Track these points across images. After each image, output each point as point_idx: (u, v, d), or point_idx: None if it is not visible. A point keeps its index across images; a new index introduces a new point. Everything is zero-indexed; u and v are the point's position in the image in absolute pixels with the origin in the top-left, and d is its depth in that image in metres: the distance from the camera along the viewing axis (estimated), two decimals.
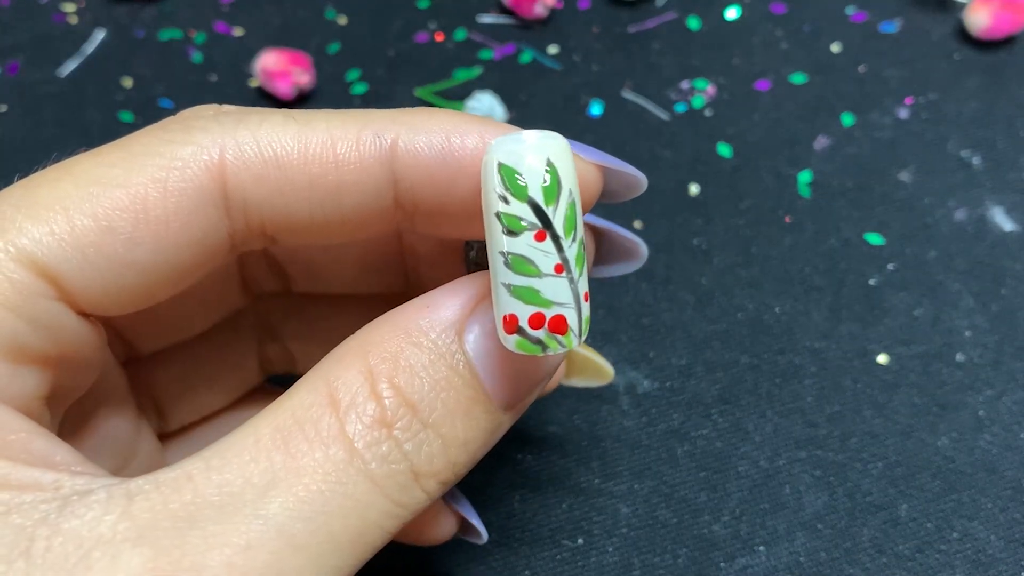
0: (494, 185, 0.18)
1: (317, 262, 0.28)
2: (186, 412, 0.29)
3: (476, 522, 0.27)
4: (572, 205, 0.18)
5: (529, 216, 0.18)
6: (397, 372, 0.19)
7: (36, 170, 0.20)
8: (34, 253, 0.19)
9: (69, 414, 0.23)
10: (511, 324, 0.18)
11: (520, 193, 0.18)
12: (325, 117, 0.21)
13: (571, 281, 0.18)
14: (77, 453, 0.19)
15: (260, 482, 0.18)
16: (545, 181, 0.18)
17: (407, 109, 0.21)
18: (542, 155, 0.18)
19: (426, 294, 0.20)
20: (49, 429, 0.20)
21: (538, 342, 0.18)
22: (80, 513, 0.17)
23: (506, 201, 0.18)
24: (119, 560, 0.16)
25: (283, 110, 0.21)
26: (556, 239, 0.18)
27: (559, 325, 0.18)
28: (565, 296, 0.18)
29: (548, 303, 0.18)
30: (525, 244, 0.18)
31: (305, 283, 0.29)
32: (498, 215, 0.18)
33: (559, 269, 0.18)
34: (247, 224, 0.21)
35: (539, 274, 0.18)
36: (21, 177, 0.20)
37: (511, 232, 0.18)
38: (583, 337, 0.19)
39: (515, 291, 0.18)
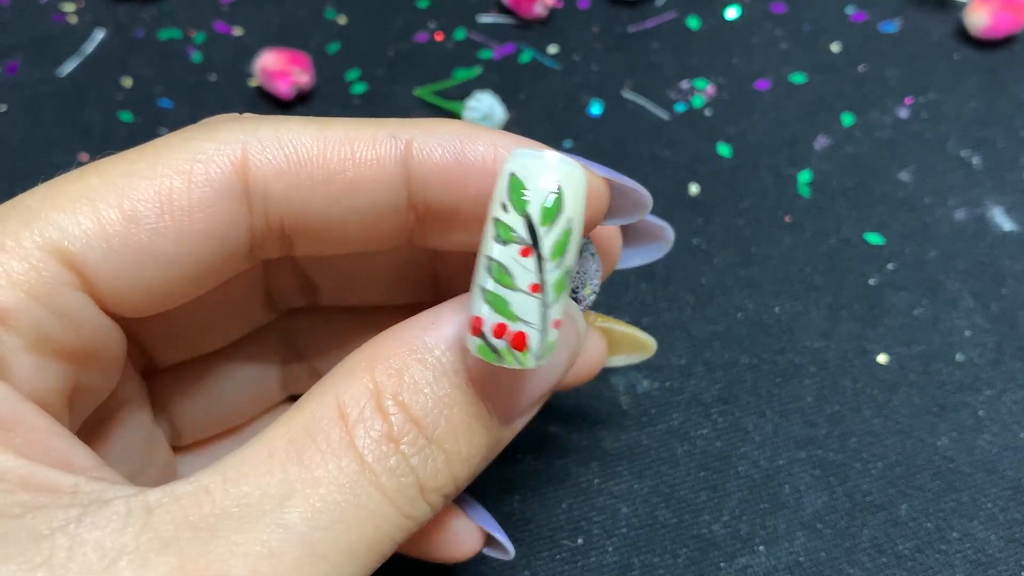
0: (500, 191, 0.18)
1: (347, 271, 0.28)
2: (201, 427, 0.29)
3: (501, 537, 0.27)
4: (568, 233, 0.18)
5: (521, 230, 0.18)
6: (402, 388, 0.19)
7: (59, 174, 0.21)
8: (60, 242, 0.19)
9: (87, 419, 0.23)
10: (476, 326, 0.19)
11: (519, 206, 0.18)
12: (343, 121, 0.21)
13: (543, 304, 0.19)
14: (95, 456, 0.19)
15: (277, 493, 0.18)
16: (547, 202, 0.18)
17: (422, 119, 0.22)
18: (553, 176, 0.18)
19: (431, 309, 0.21)
20: (67, 426, 0.20)
21: (495, 351, 0.19)
22: (101, 524, 0.17)
23: (505, 209, 0.18)
24: (146, 569, 0.16)
25: (302, 116, 0.22)
26: (540, 259, 0.18)
27: (519, 342, 0.19)
28: (533, 316, 0.18)
29: (515, 317, 0.18)
30: (510, 255, 0.18)
31: (334, 295, 0.29)
32: (495, 220, 0.18)
33: (535, 289, 0.18)
34: (267, 222, 0.21)
35: (514, 287, 0.18)
36: (45, 179, 0.21)
37: (501, 240, 0.18)
38: (541, 360, 0.19)
39: (488, 296, 0.18)
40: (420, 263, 0.28)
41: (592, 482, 0.34)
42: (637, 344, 0.29)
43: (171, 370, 0.28)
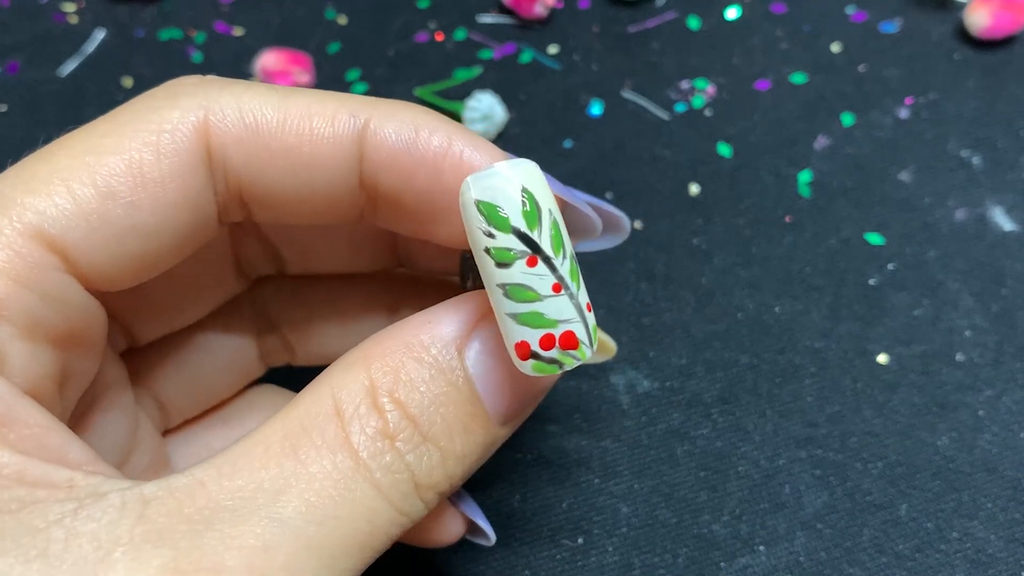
0: (477, 222, 0.18)
1: (308, 240, 0.28)
2: (186, 405, 0.29)
3: (483, 524, 0.27)
4: (555, 224, 0.19)
5: (517, 245, 0.18)
6: (398, 386, 0.20)
7: (27, 155, 0.21)
8: (40, 226, 0.19)
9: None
10: (523, 350, 0.19)
11: (503, 225, 0.18)
12: (305, 93, 0.22)
13: (571, 297, 0.19)
14: (90, 451, 0.19)
15: (272, 487, 0.18)
16: (525, 208, 0.18)
17: (386, 99, 0.22)
18: (516, 184, 0.18)
19: (429, 309, 0.21)
20: (60, 415, 0.20)
21: (553, 361, 0.19)
22: (96, 517, 0.17)
23: (492, 236, 0.18)
24: (140, 560, 0.16)
25: (266, 83, 0.22)
26: (548, 261, 0.18)
27: (570, 341, 0.19)
28: (568, 312, 0.19)
29: (554, 323, 0.19)
30: (519, 272, 0.18)
31: (298, 264, 0.29)
32: (487, 250, 0.18)
33: (557, 288, 0.19)
34: (227, 188, 0.22)
35: (539, 297, 0.19)
36: (13, 163, 0.21)
37: (503, 264, 0.18)
38: (594, 347, 0.19)
39: (521, 319, 0.19)
40: (379, 232, 0.28)
41: (592, 482, 0.34)
42: (599, 345, 0.30)
43: (151, 349, 0.28)
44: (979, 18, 0.46)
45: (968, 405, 0.35)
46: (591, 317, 0.19)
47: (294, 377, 0.21)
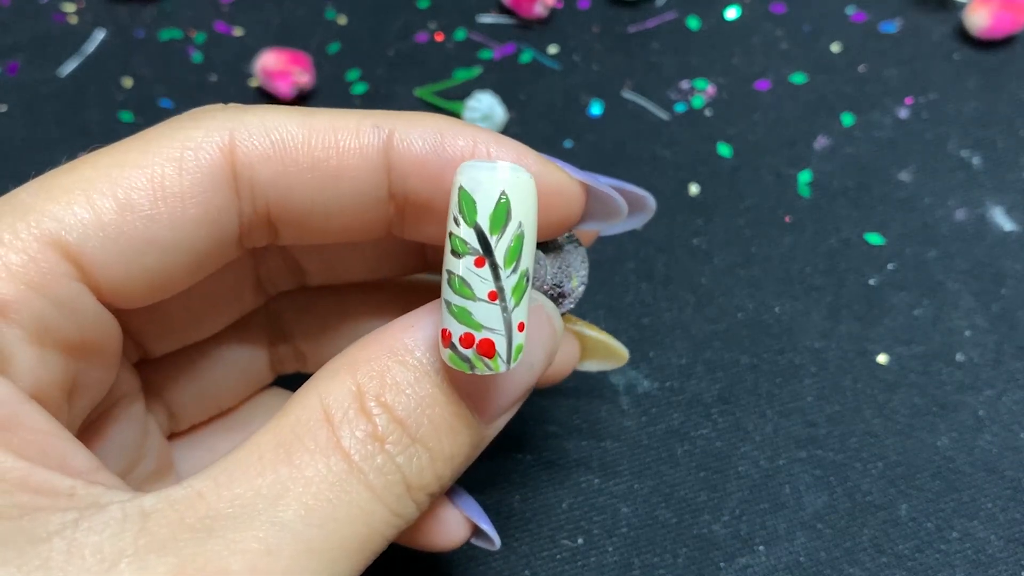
0: (453, 206, 0.19)
1: (335, 253, 0.28)
2: (196, 412, 0.29)
3: (488, 528, 0.27)
4: (519, 238, 0.19)
5: (473, 241, 0.19)
6: (384, 390, 0.20)
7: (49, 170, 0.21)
8: (56, 233, 0.19)
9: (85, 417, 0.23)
10: (446, 338, 0.19)
11: (469, 218, 0.18)
12: (327, 111, 0.22)
13: (504, 310, 0.19)
14: (93, 458, 0.20)
15: (270, 493, 0.18)
16: (494, 211, 0.18)
17: (406, 112, 0.22)
18: (499, 186, 0.18)
19: (411, 313, 0.21)
20: (68, 426, 0.20)
21: (466, 360, 0.19)
22: (98, 529, 0.17)
23: (457, 223, 0.19)
24: (146, 569, 0.17)
25: (287, 106, 0.22)
26: (494, 267, 0.19)
27: (487, 349, 0.19)
28: (495, 323, 0.19)
29: (479, 326, 0.19)
30: (465, 267, 0.19)
31: (321, 275, 0.29)
32: (450, 235, 0.19)
33: (493, 296, 0.19)
34: (254, 208, 0.22)
35: (474, 297, 0.19)
36: (36, 175, 0.21)
37: (455, 253, 0.19)
38: (511, 364, 0.19)
39: (452, 309, 0.19)
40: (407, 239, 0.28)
41: (592, 482, 0.34)
42: (609, 352, 0.29)
43: (163, 359, 0.28)
44: (979, 18, 0.46)
45: (968, 405, 0.35)
46: (519, 336, 0.19)
47: (301, 380, 0.21)
